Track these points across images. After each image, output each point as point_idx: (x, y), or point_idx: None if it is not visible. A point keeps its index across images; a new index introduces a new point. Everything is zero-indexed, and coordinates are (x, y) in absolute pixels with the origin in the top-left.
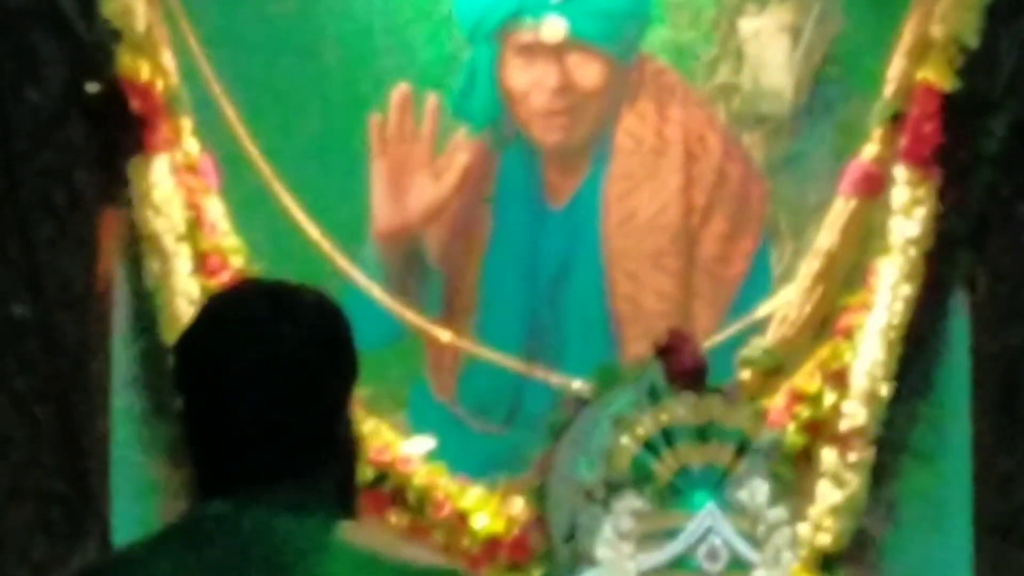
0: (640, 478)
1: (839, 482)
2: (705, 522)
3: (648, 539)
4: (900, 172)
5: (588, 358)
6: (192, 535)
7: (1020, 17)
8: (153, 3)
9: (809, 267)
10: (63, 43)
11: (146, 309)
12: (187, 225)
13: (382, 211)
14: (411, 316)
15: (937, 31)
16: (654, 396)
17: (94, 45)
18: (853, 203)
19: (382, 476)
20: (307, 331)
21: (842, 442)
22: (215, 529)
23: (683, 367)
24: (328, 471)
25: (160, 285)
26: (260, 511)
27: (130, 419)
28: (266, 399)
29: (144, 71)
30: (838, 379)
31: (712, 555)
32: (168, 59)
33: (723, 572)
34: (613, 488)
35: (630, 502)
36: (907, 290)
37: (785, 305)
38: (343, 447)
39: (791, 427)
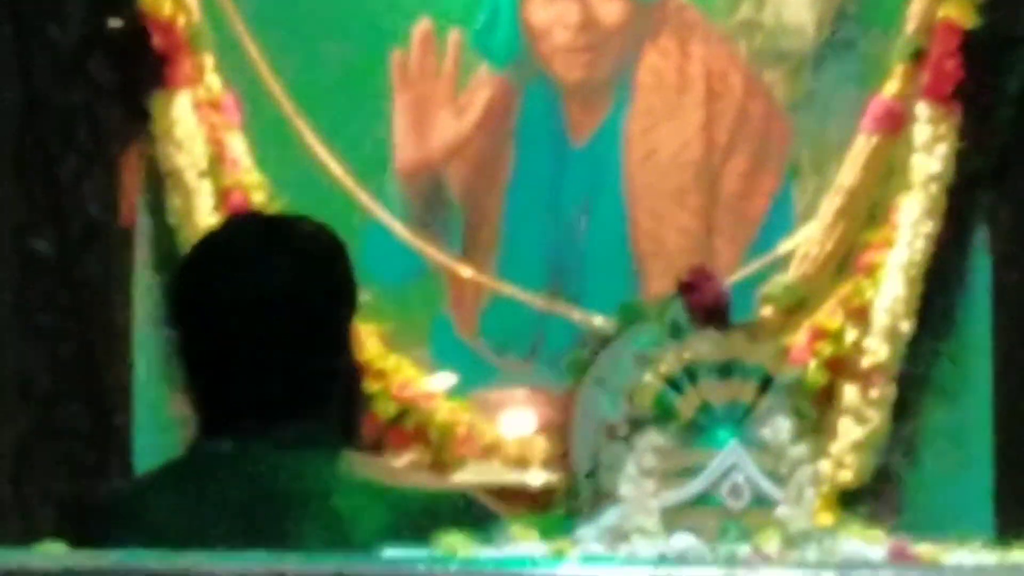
0: (663, 415)
1: (860, 419)
2: (728, 459)
3: (671, 476)
4: (922, 109)
5: (610, 295)
6: (199, 471)
7: None
8: None
9: (831, 204)
10: None
11: (168, 245)
12: (209, 161)
13: (404, 147)
14: (433, 252)
15: None
16: (676, 333)
17: None
18: (875, 140)
19: (404, 412)
20: (303, 264)
21: (863, 379)
22: (221, 466)
23: (705, 304)
24: (331, 404)
25: (182, 221)
26: (266, 447)
27: (152, 355)
28: (266, 335)
29: (166, 7)
30: (859, 316)
31: (735, 492)
32: None
33: (746, 509)
34: (636, 425)
35: (653, 439)
36: (929, 227)
37: (807, 242)
38: (345, 379)
39: (813, 364)
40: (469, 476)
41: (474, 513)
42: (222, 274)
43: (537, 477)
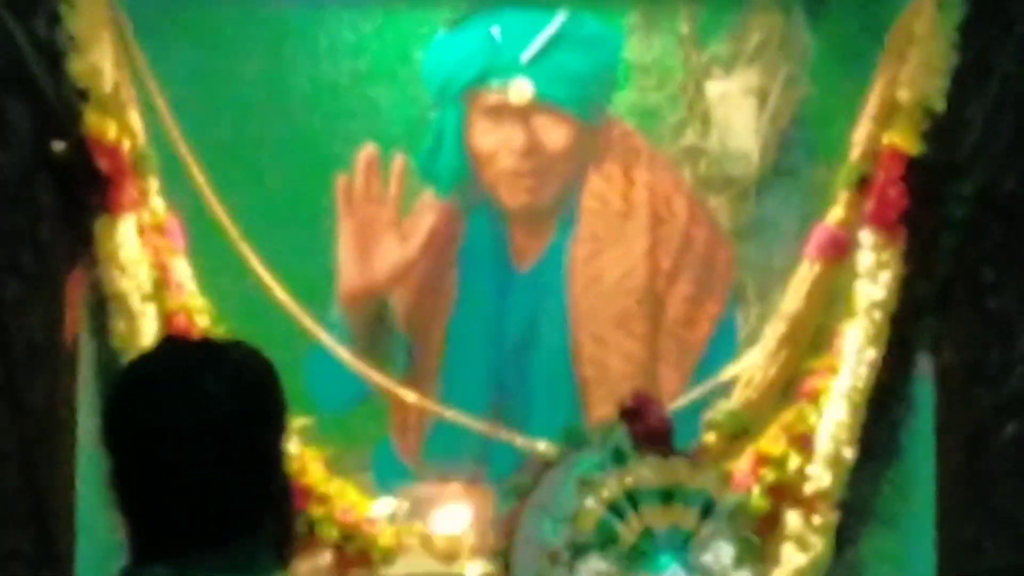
0: (605, 540)
1: (803, 545)
2: None
3: None
4: (866, 236)
5: (554, 420)
6: None
7: (986, 82)
8: (120, 64)
9: (775, 330)
10: (30, 103)
11: (112, 368)
12: (153, 285)
13: (348, 272)
14: (377, 377)
15: (903, 95)
16: (619, 458)
17: (61, 105)
18: (819, 267)
19: (348, 537)
20: (235, 388)
21: (807, 505)
22: None
23: (648, 429)
24: (266, 526)
25: (126, 345)
26: (200, 573)
27: (96, 479)
28: (199, 461)
29: (111, 131)
30: (803, 442)
31: None
32: (135, 119)
33: None
34: (578, 550)
35: (595, 564)
36: (872, 354)
37: (750, 368)
38: (279, 499)
39: (756, 490)
40: (400, 569)
41: None
42: (152, 400)
43: (474, 569)
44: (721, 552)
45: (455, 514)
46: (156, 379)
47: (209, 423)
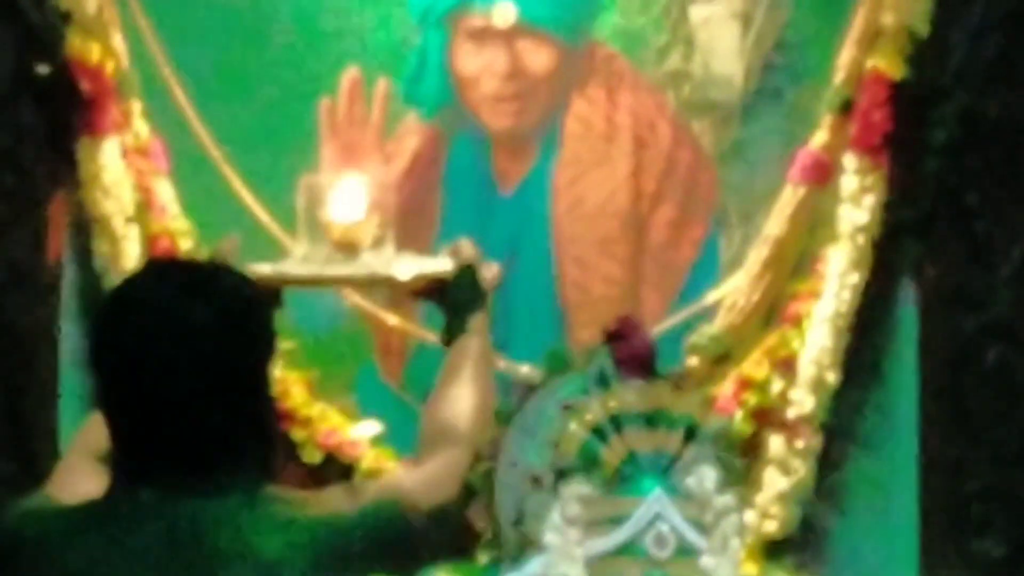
0: (588, 464)
1: (786, 469)
2: (653, 508)
3: (596, 525)
4: (849, 160)
5: (536, 344)
6: (120, 521)
7: (970, 6)
8: None
9: (758, 254)
10: (12, 25)
11: (95, 291)
12: (136, 207)
13: None
14: (358, 299)
15: (887, 19)
16: (602, 382)
17: (43, 27)
18: (802, 191)
19: (329, 459)
20: (223, 317)
21: (789, 429)
22: (140, 515)
23: (632, 354)
24: (251, 450)
25: (109, 267)
26: (184, 495)
27: (77, 401)
28: (185, 390)
29: (94, 53)
30: (786, 366)
31: (660, 542)
32: (118, 41)
33: (671, 558)
34: (561, 474)
35: (578, 488)
36: (855, 278)
37: (733, 292)
38: (264, 424)
39: (739, 414)
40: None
41: (398, 527)
42: (139, 322)
43: (405, 271)
44: (704, 476)
45: (351, 193)
46: (143, 306)
47: (195, 353)
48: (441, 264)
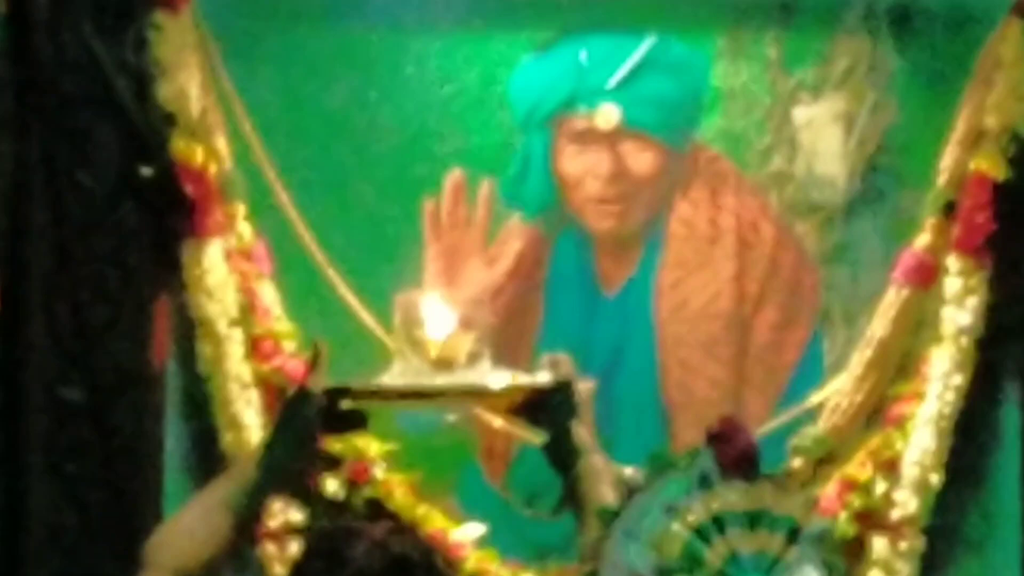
0: (691, 565)
1: (890, 571)
2: None
3: None
4: (953, 262)
5: (640, 445)
6: None
7: None
8: (207, 88)
9: (861, 356)
10: (117, 127)
11: (198, 394)
12: (240, 310)
13: None
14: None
15: (990, 121)
16: (705, 483)
17: (148, 129)
18: (905, 292)
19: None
20: None
21: (893, 531)
22: None
23: (735, 455)
24: None
25: (213, 370)
26: None
27: (182, 502)
28: None
29: (198, 155)
30: (889, 468)
31: None
32: (222, 144)
33: None
34: (664, 575)
35: None
36: (958, 380)
37: (837, 394)
38: None
39: (842, 515)
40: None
41: None
42: None
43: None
44: None
45: (440, 309)
46: None
47: None
48: (537, 378)
